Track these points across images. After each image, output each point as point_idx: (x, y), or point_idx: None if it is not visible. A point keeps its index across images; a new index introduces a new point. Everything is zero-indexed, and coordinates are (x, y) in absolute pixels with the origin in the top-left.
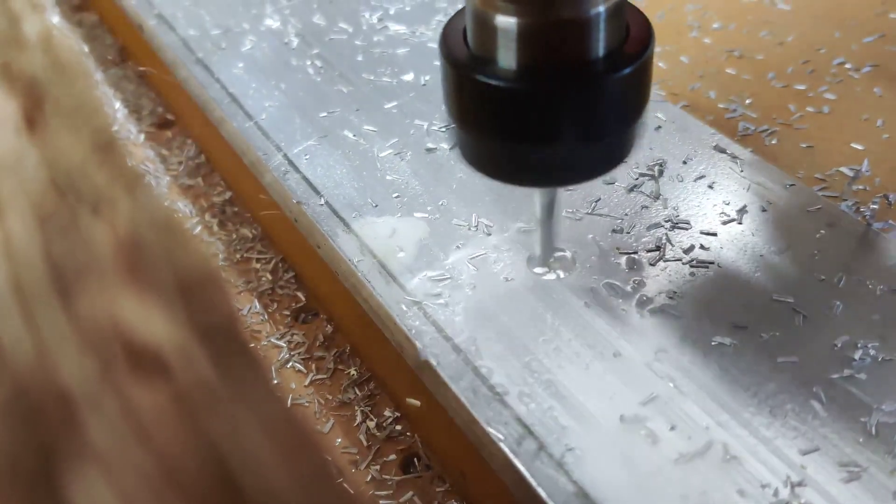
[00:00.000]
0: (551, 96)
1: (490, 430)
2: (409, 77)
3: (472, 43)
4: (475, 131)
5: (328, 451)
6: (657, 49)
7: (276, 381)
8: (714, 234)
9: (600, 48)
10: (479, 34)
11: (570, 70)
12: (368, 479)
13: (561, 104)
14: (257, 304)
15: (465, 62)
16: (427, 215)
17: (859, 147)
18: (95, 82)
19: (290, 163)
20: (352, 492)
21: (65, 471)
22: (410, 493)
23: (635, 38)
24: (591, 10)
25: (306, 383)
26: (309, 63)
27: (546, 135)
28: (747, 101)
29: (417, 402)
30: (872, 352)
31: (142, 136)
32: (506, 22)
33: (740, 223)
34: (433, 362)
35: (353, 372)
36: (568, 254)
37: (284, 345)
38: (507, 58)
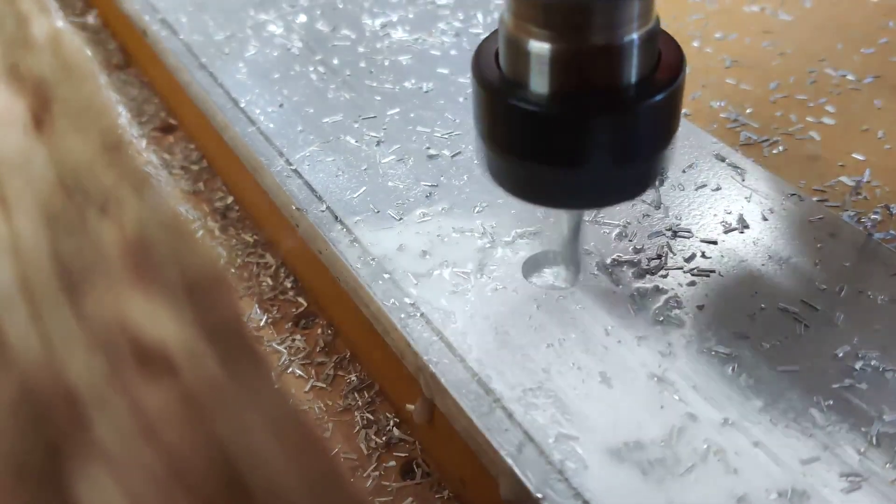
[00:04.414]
0: (583, 122)
1: (490, 436)
2: (411, 84)
3: (504, 66)
4: (506, 153)
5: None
6: None
7: (276, 387)
8: (715, 243)
9: (633, 74)
10: (511, 58)
11: (602, 96)
12: (368, 485)
13: (592, 130)
14: (258, 309)
15: (497, 85)
16: (429, 221)
17: (860, 157)
18: (102, 84)
19: (293, 168)
20: (352, 496)
21: (72, 470)
22: (410, 499)
23: (667, 64)
24: (625, 38)
25: (306, 389)
26: (312, 69)
27: (577, 159)
28: (749, 111)
29: None
30: (873, 361)
31: (144, 141)
32: (539, 48)
33: (741, 232)
34: (433, 369)
35: (353, 378)
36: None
37: (285, 350)
38: (539, 82)
